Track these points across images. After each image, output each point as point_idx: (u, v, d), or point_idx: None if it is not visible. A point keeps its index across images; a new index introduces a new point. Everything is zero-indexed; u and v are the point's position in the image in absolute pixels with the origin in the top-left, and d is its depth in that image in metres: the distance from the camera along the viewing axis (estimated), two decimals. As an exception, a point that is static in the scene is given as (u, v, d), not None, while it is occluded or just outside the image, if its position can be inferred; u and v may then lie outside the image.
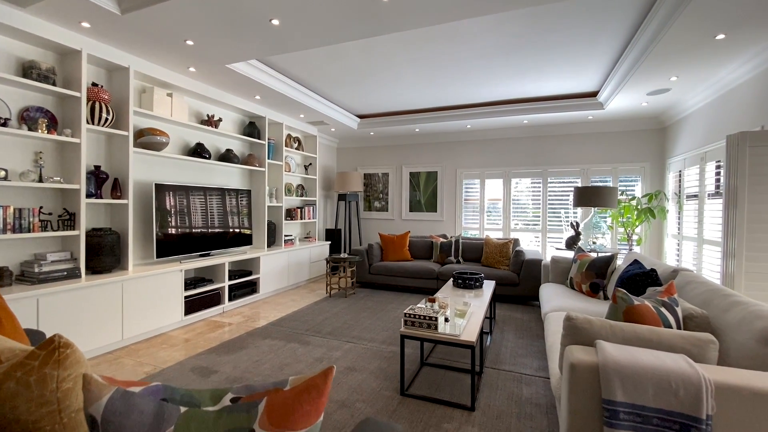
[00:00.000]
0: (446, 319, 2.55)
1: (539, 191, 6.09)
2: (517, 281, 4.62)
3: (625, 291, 1.90)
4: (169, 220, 3.73)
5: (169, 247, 3.71)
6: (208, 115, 4.24)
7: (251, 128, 4.85)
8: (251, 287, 4.58)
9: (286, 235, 5.53)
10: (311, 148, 6.28)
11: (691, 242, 4.52)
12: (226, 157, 4.46)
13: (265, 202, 4.97)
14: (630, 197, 5.38)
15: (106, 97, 3.15)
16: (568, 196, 5.92)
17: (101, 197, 3.22)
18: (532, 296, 4.59)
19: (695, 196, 4.47)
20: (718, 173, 4.10)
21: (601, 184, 5.77)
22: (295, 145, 5.93)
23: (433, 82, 4.49)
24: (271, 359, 2.92)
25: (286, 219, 5.68)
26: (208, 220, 4.17)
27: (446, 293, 3.39)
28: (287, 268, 5.19)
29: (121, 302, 3.08)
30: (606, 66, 3.93)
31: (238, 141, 4.88)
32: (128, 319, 3.14)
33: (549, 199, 6.01)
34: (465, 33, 3.25)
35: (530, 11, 2.89)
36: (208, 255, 4.18)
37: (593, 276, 3.53)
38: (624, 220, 5.25)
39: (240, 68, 3.74)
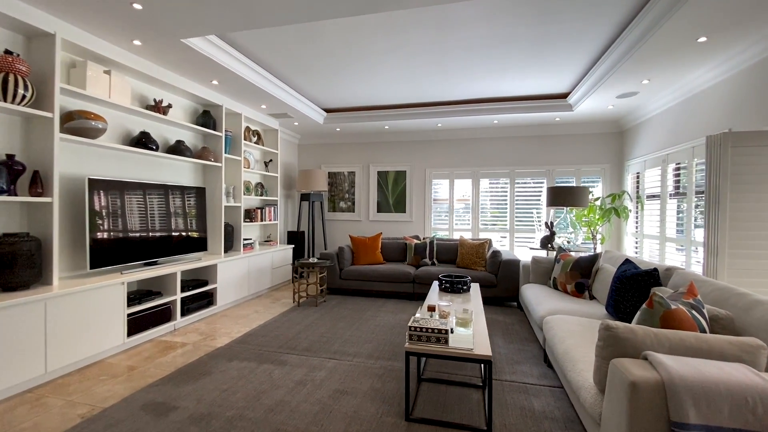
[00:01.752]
0: (451, 330, 2.30)
1: (506, 191, 6.11)
2: (495, 282, 4.52)
3: (661, 295, 1.77)
4: (107, 222, 3.09)
5: (106, 255, 3.07)
6: (155, 100, 3.61)
7: (206, 118, 4.27)
8: (207, 299, 4.00)
9: (245, 239, 4.98)
10: (272, 142, 5.75)
11: (653, 240, 4.73)
12: (177, 149, 3.86)
13: (222, 201, 4.40)
14: (594, 198, 5.56)
15: (23, 68, 2.49)
16: (535, 196, 6.01)
17: (15, 194, 2.54)
18: (510, 297, 4.52)
19: (657, 196, 4.69)
20: (677, 175, 4.33)
21: (564, 184, 5.92)
22: (255, 139, 5.38)
23: (411, 76, 4.25)
24: (244, 387, 2.47)
25: (245, 221, 5.12)
26: (156, 222, 3.55)
27: (436, 299, 3.15)
28: (247, 275, 4.65)
29: (44, 325, 2.44)
30: (583, 66, 3.96)
31: (190, 132, 4.26)
32: (54, 347, 2.50)
33: (516, 200, 6.06)
34: (455, 20, 3.04)
35: (523, 1, 2.74)
36: (155, 264, 3.56)
37: (578, 276, 3.50)
38: (587, 219, 5.41)
39: (197, 45, 3.21)
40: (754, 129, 3.06)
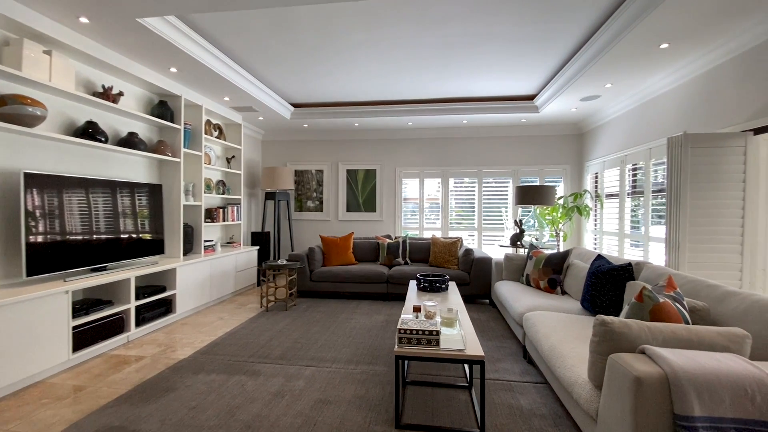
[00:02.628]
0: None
1: (474, 191, 6.21)
2: (468, 280, 4.55)
3: (650, 288, 1.81)
4: (46, 223, 2.70)
5: (46, 260, 2.69)
6: (104, 87, 3.23)
7: (162, 109, 3.90)
8: (165, 306, 3.66)
9: (206, 241, 4.63)
10: (234, 137, 5.41)
11: (612, 236, 5.00)
12: (129, 142, 3.48)
13: (181, 200, 4.06)
14: (558, 197, 5.78)
15: (-65, 39, 2.10)
16: (502, 195, 6.15)
17: (-73, 190, 2.13)
18: (482, 294, 4.57)
19: (615, 195, 4.96)
20: (634, 175, 4.59)
21: (529, 184, 6.11)
22: (216, 133, 5.03)
23: (386, 72, 4.16)
24: (214, 402, 2.25)
25: (205, 221, 4.77)
26: (105, 223, 3.18)
27: (415, 299, 3.07)
28: (209, 279, 4.33)
29: (-33, 346, 2.07)
30: (552, 69, 4.08)
31: (144, 123, 3.88)
32: (-20, 370, 2.13)
33: (484, 199, 6.17)
34: (435, 16, 2.99)
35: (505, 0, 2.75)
36: (103, 269, 3.18)
37: (551, 272, 3.58)
38: (550, 217, 5.62)
39: (155, 26, 2.90)
40: (705, 131, 3.28)
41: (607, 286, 2.67)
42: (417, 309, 2.44)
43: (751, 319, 1.72)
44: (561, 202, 5.66)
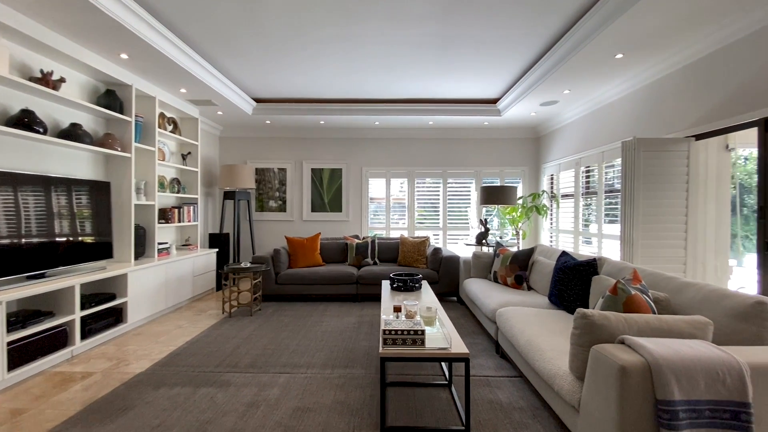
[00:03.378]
0: (421, 330, 2.21)
1: (439, 191, 6.32)
2: (437, 279, 4.61)
3: (624, 282, 1.92)
4: (-29, 224, 2.34)
5: (-29, 267, 2.32)
6: (43, 71, 2.86)
7: (110, 99, 3.55)
8: (115, 316, 3.33)
9: (159, 243, 4.29)
10: (191, 132, 5.07)
11: (567, 234, 5.31)
12: (72, 134, 3.12)
13: (132, 199, 3.71)
14: (518, 197, 6.04)
15: None
16: (465, 195, 6.31)
17: None
18: (450, 292, 4.64)
19: (570, 195, 5.27)
20: (588, 177, 4.91)
21: (490, 184, 6.33)
22: (170, 127, 4.68)
23: (355, 69, 4.10)
24: (182, 418, 2.06)
25: (159, 222, 4.41)
26: (42, 224, 2.82)
27: (389, 298, 3.04)
28: (165, 285, 4.01)
29: None
30: (515, 74, 4.24)
31: (90, 114, 3.50)
32: None
33: (448, 199, 6.29)
34: (409, 14, 2.98)
35: (477, 2, 2.80)
36: (42, 276, 2.82)
37: (517, 268, 3.72)
38: (510, 217, 5.86)
39: (105, 5, 2.62)
40: (653, 136, 3.58)
41: (573, 280, 2.80)
42: (397, 309, 2.41)
43: (707, 308, 1.88)
44: (520, 202, 5.91)
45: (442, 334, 2.21)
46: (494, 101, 5.23)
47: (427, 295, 3.21)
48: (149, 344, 3.17)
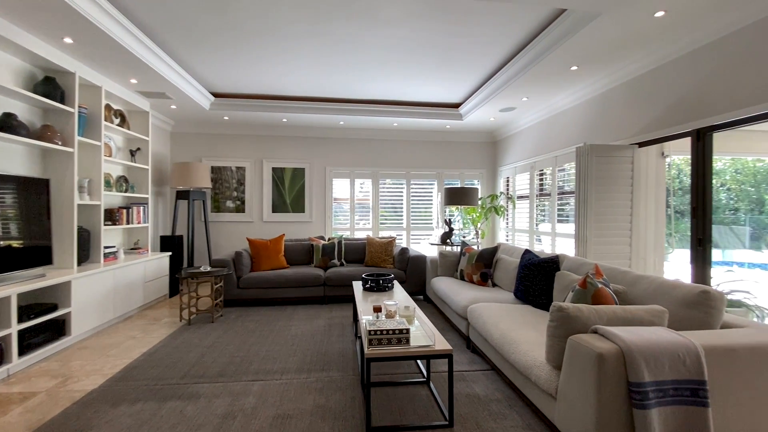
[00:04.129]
0: (403, 329, 2.23)
1: (402, 191, 6.41)
2: (404, 278, 4.67)
3: (592, 276, 2.07)
4: None
5: None
6: (-34, 50, 2.50)
7: (49, 87, 3.18)
8: (57, 329, 2.99)
9: (106, 247, 3.92)
10: (140, 127, 4.69)
11: (523, 233, 5.63)
12: (5, 125, 2.76)
13: (74, 198, 3.36)
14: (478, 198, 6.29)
15: None
16: (428, 196, 6.46)
17: None
18: (418, 291, 4.72)
19: (526, 197, 5.59)
20: (541, 179, 5.25)
21: (451, 186, 6.54)
22: (117, 120, 4.30)
23: (324, 67, 4.04)
24: (150, 435, 1.91)
25: (105, 223, 4.03)
26: (-30, 226, 2.46)
27: (361, 299, 3.04)
28: (113, 293, 3.67)
29: None
30: (478, 80, 4.42)
31: (25, 103, 3.11)
32: None
33: (412, 200, 6.40)
34: (381, 17, 3.00)
35: (450, 9, 2.89)
36: (-33, 286, 2.46)
37: (482, 266, 3.88)
38: (470, 217, 6.10)
39: (51, -17, 2.36)
40: (602, 143, 3.91)
41: (538, 277, 2.98)
42: (377, 309, 2.42)
43: (660, 297, 2.09)
44: (480, 203, 6.17)
45: (423, 331, 2.25)
46: (457, 105, 5.41)
47: (399, 294, 3.24)
48: (99, 358, 2.89)
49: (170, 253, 4.89)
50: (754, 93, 2.53)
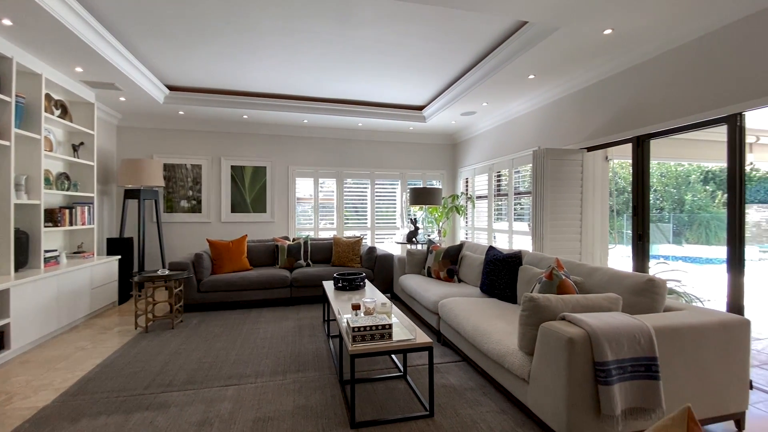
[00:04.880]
0: (382, 325, 2.28)
1: (366, 191, 6.46)
2: (372, 276, 4.72)
3: (557, 268, 2.26)
4: None
5: None
6: None
7: (-22, 71, 2.84)
8: (-8, 342, 2.68)
9: (47, 251, 3.56)
10: (84, 120, 4.30)
11: (482, 231, 5.91)
12: (-76, 112, 2.42)
13: (11, 197, 3.03)
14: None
15: None
16: (392, 196, 6.57)
17: None
18: (385, 289, 4.80)
19: (485, 197, 5.88)
20: (499, 180, 5.55)
21: (414, 186, 6.70)
22: (58, 112, 3.92)
23: (292, 65, 3.97)
24: (120, 449, 1.79)
25: (46, 225, 3.66)
26: None
27: (333, 298, 3.05)
28: (56, 301, 3.35)
29: None
30: (443, 85, 4.59)
31: (-54, 88, 2.75)
32: None
33: (376, 199, 6.47)
34: (356, 17, 3.03)
35: (422, 15, 2.99)
36: None
37: (449, 263, 4.03)
38: (432, 217, 6.30)
39: (-9, -43, 2.11)
40: (555, 147, 4.24)
41: (503, 271, 3.18)
42: (356, 307, 2.45)
43: (613, 286, 2.33)
44: (442, 202, 6.38)
45: (400, 326, 2.32)
46: (421, 108, 5.56)
47: (372, 292, 3.29)
48: (46, 372, 2.63)
49: (119, 257, 4.53)
50: (686, 105, 2.90)
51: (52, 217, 3.75)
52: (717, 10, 2.59)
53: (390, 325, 2.07)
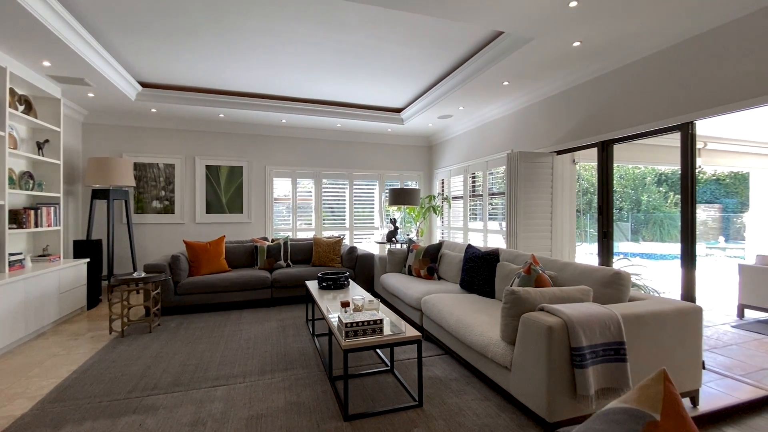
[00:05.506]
0: (372, 321, 2.36)
1: (345, 192, 6.51)
2: (353, 276, 4.78)
3: (534, 264, 2.42)
4: None
5: None
6: None
7: (-63, 63, 2.67)
8: (-45, 351, 2.52)
9: (11, 254, 3.37)
10: (50, 116, 4.09)
11: (458, 230, 6.11)
12: None
13: (-29, 197, 2.86)
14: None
15: None
16: (370, 196, 6.65)
17: None
18: (366, 288, 4.87)
19: (460, 197, 6.08)
20: (473, 181, 5.77)
21: (392, 187, 6.81)
22: (22, 107, 3.71)
23: (273, 64, 3.97)
24: (111, 452, 1.76)
25: (10, 226, 3.47)
26: None
27: (318, 297, 3.09)
28: (23, 306, 3.18)
29: None
30: (421, 88, 4.73)
31: None
32: None
33: (354, 200, 6.53)
34: (339, 21, 3.09)
35: (404, 21, 3.09)
36: None
37: (429, 261, 4.17)
38: (410, 217, 6.44)
39: (-39, -55, 2.01)
40: (527, 150, 4.47)
41: (482, 268, 3.34)
42: (345, 304, 2.51)
43: (584, 279, 2.53)
44: (420, 203, 6.54)
45: (389, 321, 2.41)
46: (399, 110, 5.68)
47: (356, 290, 3.36)
48: (18, 380, 2.51)
49: (88, 260, 4.34)
50: (645, 114, 3.17)
51: (17, 218, 3.56)
52: (672, 29, 2.86)
53: (381, 320, 2.15)
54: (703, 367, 2.73)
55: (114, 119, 5.28)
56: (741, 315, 4.14)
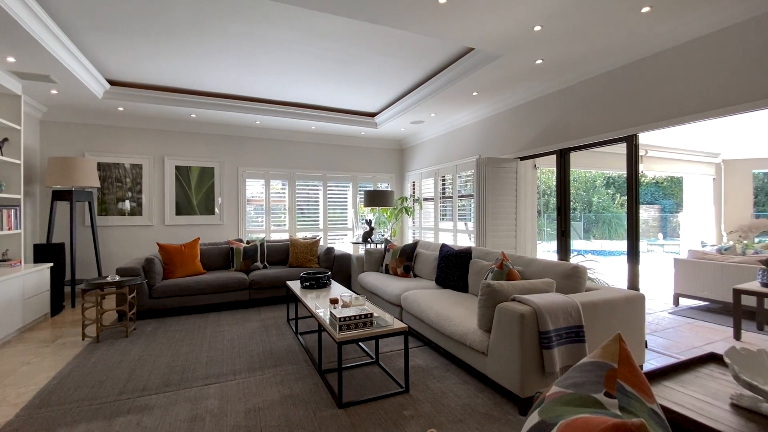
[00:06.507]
0: (360, 316, 2.53)
1: (319, 193, 6.59)
2: (332, 275, 4.90)
3: (505, 260, 2.69)
4: None
5: None
6: None
7: None
8: None
9: (-30, 259, 3.19)
10: (9, 114, 3.88)
11: (429, 231, 6.40)
12: None
13: (-70, 200, 2.71)
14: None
15: None
16: (343, 198, 6.78)
17: None
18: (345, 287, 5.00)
19: (431, 199, 6.37)
20: (443, 184, 6.07)
21: (366, 188, 6.99)
22: (-20, 105, 3.51)
23: (250, 67, 4.01)
24: (113, 450, 1.81)
25: (-32, 231, 3.28)
26: None
27: (300, 295, 3.22)
28: (-14, 314, 3.04)
29: None
30: (395, 95, 4.94)
31: None
32: None
33: (328, 201, 6.63)
34: (319, 30, 3.23)
35: (384, 33, 3.29)
36: None
37: (405, 260, 4.39)
38: (384, 217, 6.65)
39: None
40: (493, 156, 4.82)
41: (456, 265, 3.60)
42: (334, 301, 2.66)
43: (548, 273, 2.84)
44: (394, 204, 6.76)
45: (377, 315, 2.59)
46: (373, 115, 5.86)
47: (338, 288, 3.50)
48: (-8, 390, 2.43)
49: (51, 264, 4.15)
50: (597, 126, 3.58)
51: (-25, 221, 3.36)
52: (619, 53, 3.27)
53: (372, 314, 2.33)
54: (646, 347, 3.14)
55: (76, 117, 5.05)
56: (676, 303, 4.72)
